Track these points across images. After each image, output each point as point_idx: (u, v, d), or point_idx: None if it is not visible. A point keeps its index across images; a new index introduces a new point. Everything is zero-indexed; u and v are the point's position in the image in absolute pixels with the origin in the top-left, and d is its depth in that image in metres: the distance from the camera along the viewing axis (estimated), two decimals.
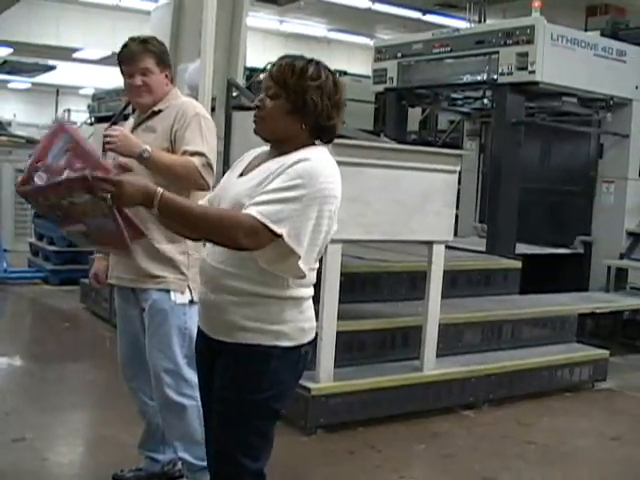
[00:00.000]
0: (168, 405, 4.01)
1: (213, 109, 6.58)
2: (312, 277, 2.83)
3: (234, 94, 6.98)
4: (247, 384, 2.79)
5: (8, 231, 12.80)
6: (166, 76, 4.07)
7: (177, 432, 4.04)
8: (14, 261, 11.23)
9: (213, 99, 6.53)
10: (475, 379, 6.20)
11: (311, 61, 2.80)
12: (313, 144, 2.83)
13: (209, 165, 3.84)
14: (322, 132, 2.83)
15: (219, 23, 6.43)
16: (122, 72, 4.04)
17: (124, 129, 3.97)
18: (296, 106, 2.75)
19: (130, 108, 8.56)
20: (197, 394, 3.99)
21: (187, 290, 3.98)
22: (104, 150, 3.80)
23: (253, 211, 2.57)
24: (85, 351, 7.71)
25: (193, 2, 7.11)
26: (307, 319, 2.86)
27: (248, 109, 6.50)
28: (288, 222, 2.59)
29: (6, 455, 4.74)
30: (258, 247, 2.62)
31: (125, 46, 4.01)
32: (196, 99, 6.54)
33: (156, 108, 4.02)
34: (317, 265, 2.83)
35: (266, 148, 2.91)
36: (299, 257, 2.64)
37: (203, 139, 3.89)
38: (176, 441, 4.04)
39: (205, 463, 4.03)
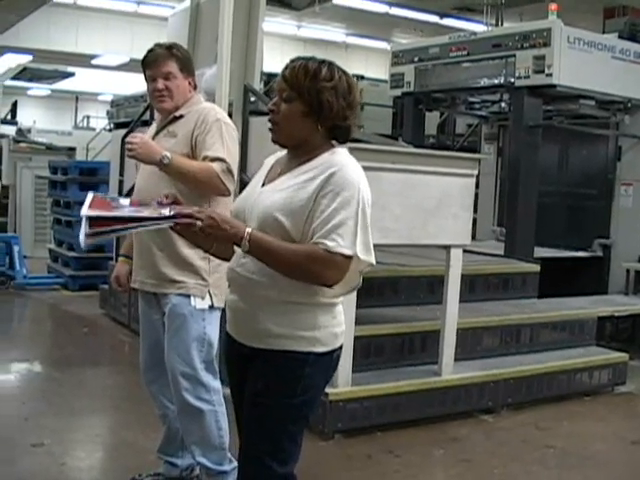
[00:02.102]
0: (185, 409, 4.02)
1: (230, 114, 6.57)
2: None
3: (251, 99, 6.99)
4: (282, 390, 2.78)
5: (28, 237, 12.88)
6: (189, 83, 4.11)
7: (194, 436, 4.05)
8: (34, 267, 11.31)
9: (230, 104, 6.55)
10: (493, 383, 6.18)
11: (324, 62, 2.79)
12: (331, 145, 2.82)
13: (229, 171, 3.84)
14: (338, 133, 2.81)
15: (235, 28, 6.45)
16: (145, 76, 4.10)
17: (144, 135, 4.01)
18: (311, 108, 2.74)
19: (151, 114, 8.61)
20: (215, 398, 4.01)
21: (207, 295, 3.99)
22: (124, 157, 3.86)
23: (338, 248, 2.60)
24: (104, 356, 7.75)
25: (210, 8, 7.13)
26: (339, 324, 2.86)
27: (265, 114, 6.48)
28: (355, 238, 2.63)
29: (25, 460, 4.77)
30: (342, 278, 2.67)
31: (151, 50, 4.07)
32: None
33: (177, 113, 4.05)
34: None
35: (283, 153, 2.91)
36: (370, 264, 2.74)
37: (224, 145, 3.89)
38: (193, 445, 4.05)
39: (222, 467, 4.04)
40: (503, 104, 9.66)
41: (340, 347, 2.88)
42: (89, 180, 10.90)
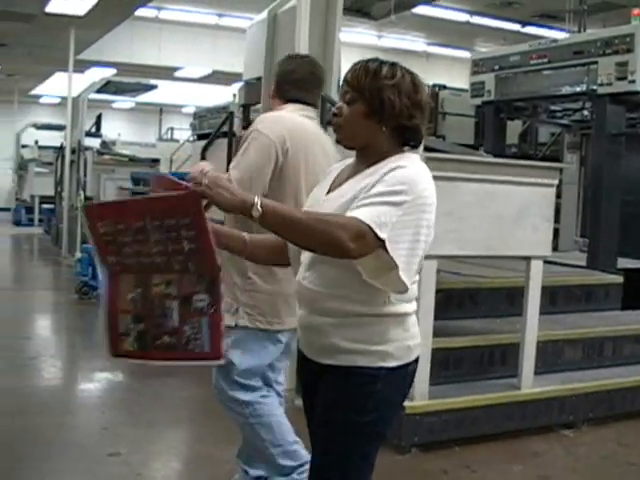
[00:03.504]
0: (236, 421, 4.04)
1: None
2: (414, 291, 2.68)
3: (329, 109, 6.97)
4: (352, 406, 2.67)
5: None
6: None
7: (247, 449, 4.11)
8: None
9: None
10: (574, 397, 6.03)
11: (385, 62, 2.68)
12: (400, 150, 2.70)
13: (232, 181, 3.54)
14: (405, 134, 2.68)
15: (312, 39, 6.45)
16: None
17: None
18: (373, 108, 2.63)
19: (230, 125, 8.67)
20: (248, 411, 3.97)
21: (237, 313, 3.87)
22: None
23: (357, 214, 2.45)
24: (182, 368, 7.76)
25: (287, 18, 7.14)
26: (412, 336, 2.72)
27: None
28: (389, 227, 2.46)
29: (100, 469, 4.80)
30: (365, 252, 2.47)
31: None
32: None
33: None
34: (417, 278, 2.66)
35: (351, 160, 2.80)
36: (397, 266, 2.48)
37: (244, 154, 3.77)
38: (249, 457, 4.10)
39: None
40: (586, 112, 9.50)
41: (415, 360, 2.74)
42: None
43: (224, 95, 16.16)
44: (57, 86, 20.19)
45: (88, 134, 18.64)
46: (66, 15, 13.60)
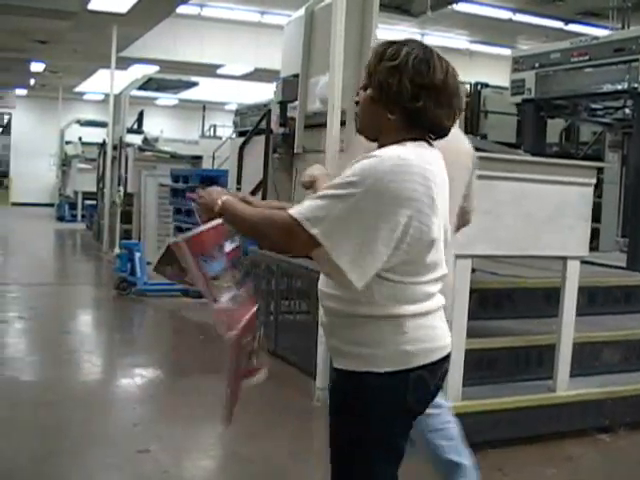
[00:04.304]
0: None
1: (343, 123, 6.54)
2: (415, 292, 2.50)
3: None
4: (344, 416, 2.58)
5: (151, 244, 13.10)
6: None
7: None
8: (154, 273, 11.48)
9: (342, 112, 6.49)
10: (611, 401, 5.93)
11: (397, 42, 2.54)
12: (413, 139, 2.52)
13: None
14: (413, 119, 2.50)
15: (348, 36, 6.40)
16: None
17: None
18: (378, 92, 2.53)
19: (267, 123, 8.64)
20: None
21: None
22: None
23: (292, 209, 2.41)
24: (218, 364, 7.76)
25: (324, 15, 7.11)
26: (411, 340, 2.49)
27: None
28: (326, 222, 2.35)
29: (128, 466, 4.81)
30: (302, 248, 2.45)
31: None
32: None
33: None
34: (424, 278, 2.50)
35: None
36: (337, 263, 2.38)
37: None
38: None
39: None
40: (627, 110, 9.36)
41: (423, 367, 2.51)
42: None
43: (266, 92, 16.15)
44: (101, 83, 20.30)
45: (130, 131, 18.75)
46: (108, 12, 13.68)
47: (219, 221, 2.57)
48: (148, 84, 19.95)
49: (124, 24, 14.46)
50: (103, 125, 19.37)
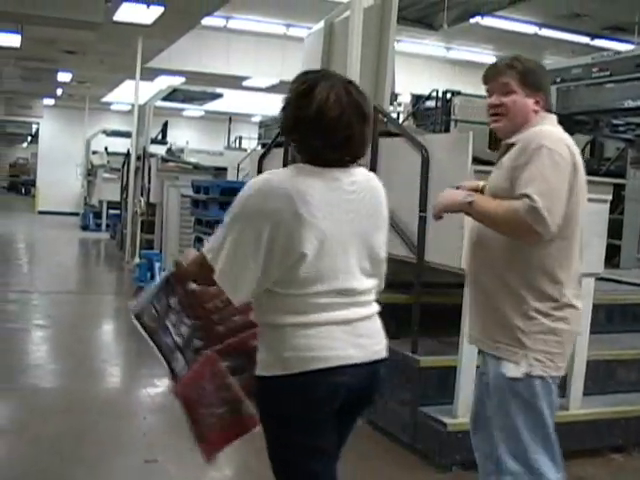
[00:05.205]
0: None
1: None
2: (297, 303, 2.73)
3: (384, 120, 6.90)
4: (261, 418, 2.90)
5: (172, 253, 13.13)
6: (536, 102, 3.43)
7: None
8: None
9: None
10: (625, 421, 5.86)
11: (311, 73, 2.88)
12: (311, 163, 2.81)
13: (535, 210, 3.08)
14: (296, 148, 2.85)
15: (365, 48, 6.40)
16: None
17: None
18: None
19: None
20: None
21: (523, 362, 3.30)
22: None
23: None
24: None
25: (343, 27, 7.11)
26: (289, 348, 2.72)
27: (394, 135, 6.42)
28: (215, 250, 2.77)
29: (134, 476, 4.81)
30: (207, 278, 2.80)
31: (493, 64, 3.59)
32: None
33: (510, 140, 3.43)
34: (307, 290, 2.72)
35: None
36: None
37: (537, 177, 3.16)
38: None
39: None
40: None
41: (304, 373, 2.71)
42: (229, 200, 11.00)
43: None
44: (127, 94, 20.41)
45: (154, 141, 18.85)
46: (133, 24, 13.75)
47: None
48: (174, 95, 20.04)
49: (149, 36, 14.53)
50: (129, 135, 19.47)
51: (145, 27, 13.97)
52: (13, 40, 14.92)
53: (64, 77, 21.12)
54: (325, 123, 2.72)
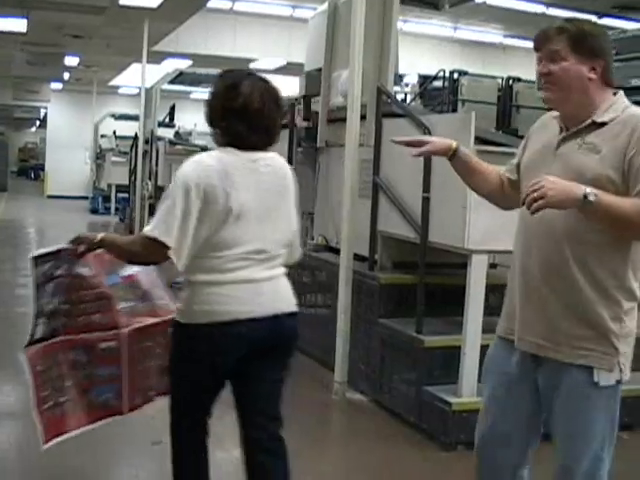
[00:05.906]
0: None
1: (363, 117, 6.53)
2: (213, 264, 3.23)
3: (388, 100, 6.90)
4: (171, 351, 3.48)
5: None
6: (592, 69, 2.95)
7: None
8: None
9: (363, 106, 6.48)
10: (631, 399, 5.85)
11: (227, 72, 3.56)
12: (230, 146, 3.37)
13: None
14: (223, 134, 3.40)
15: (368, 29, 6.39)
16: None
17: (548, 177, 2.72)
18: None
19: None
20: None
21: (616, 368, 2.93)
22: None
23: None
24: None
25: (347, 9, 7.10)
26: (198, 302, 3.24)
27: (398, 116, 6.41)
28: (161, 224, 3.19)
29: (142, 457, 4.86)
30: (158, 257, 3.28)
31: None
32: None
33: (598, 119, 2.92)
34: (221, 254, 3.23)
35: None
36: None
37: None
38: None
39: None
40: None
41: (209, 325, 3.23)
42: None
43: (296, 87, 16.20)
44: (135, 77, 20.39)
45: (162, 124, 18.84)
46: (139, 7, 13.74)
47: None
48: (182, 78, 20.00)
49: (155, 19, 14.51)
50: (137, 119, 19.49)
51: (151, 10, 13.96)
52: (20, 25, 14.94)
53: (71, 61, 21.12)
54: (250, 113, 3.30)
